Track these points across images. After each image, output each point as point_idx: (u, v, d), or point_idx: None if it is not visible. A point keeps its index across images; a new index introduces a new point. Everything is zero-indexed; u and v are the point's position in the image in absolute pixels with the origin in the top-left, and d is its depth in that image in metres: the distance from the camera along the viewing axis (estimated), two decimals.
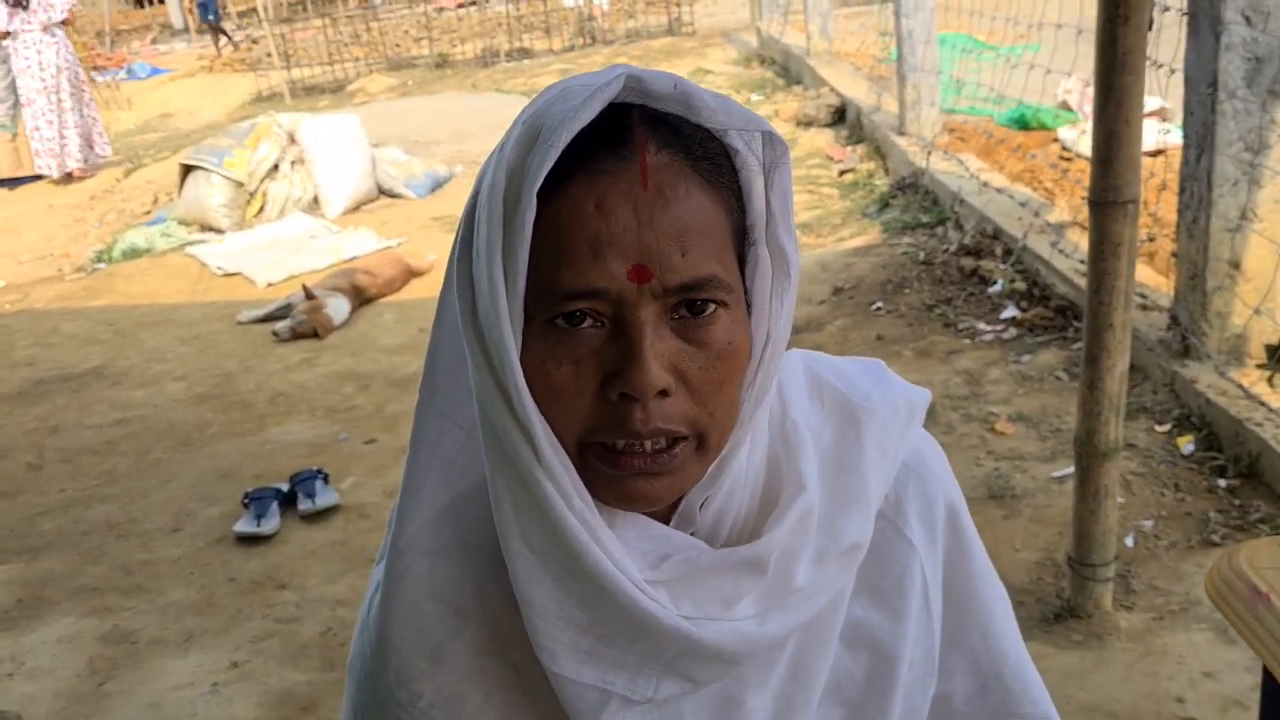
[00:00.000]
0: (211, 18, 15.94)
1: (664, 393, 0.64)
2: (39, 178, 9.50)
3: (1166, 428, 3.18)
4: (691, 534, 0.72)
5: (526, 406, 0.64)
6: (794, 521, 0.72)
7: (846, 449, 0.77)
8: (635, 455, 0.65)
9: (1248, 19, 2.93)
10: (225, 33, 15.85)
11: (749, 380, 0.69)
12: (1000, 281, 4.37)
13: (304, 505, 3.50)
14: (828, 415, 0.79)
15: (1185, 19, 3.14)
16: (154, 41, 20.07)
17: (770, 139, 0.68)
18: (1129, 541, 2.74)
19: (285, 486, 3.61)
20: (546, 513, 0.65)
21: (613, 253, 0.63)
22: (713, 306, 0.65)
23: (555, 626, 0.69)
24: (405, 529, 0.73)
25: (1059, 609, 2.52)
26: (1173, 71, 3.30)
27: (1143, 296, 3.65)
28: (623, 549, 0.68)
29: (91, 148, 9.61)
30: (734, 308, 0.67)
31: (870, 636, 0.80)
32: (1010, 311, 4.15)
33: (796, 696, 0.77)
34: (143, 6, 24.21)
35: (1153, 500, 2.90)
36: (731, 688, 0.74)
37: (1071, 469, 2.71)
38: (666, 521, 0.72)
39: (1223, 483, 2.90)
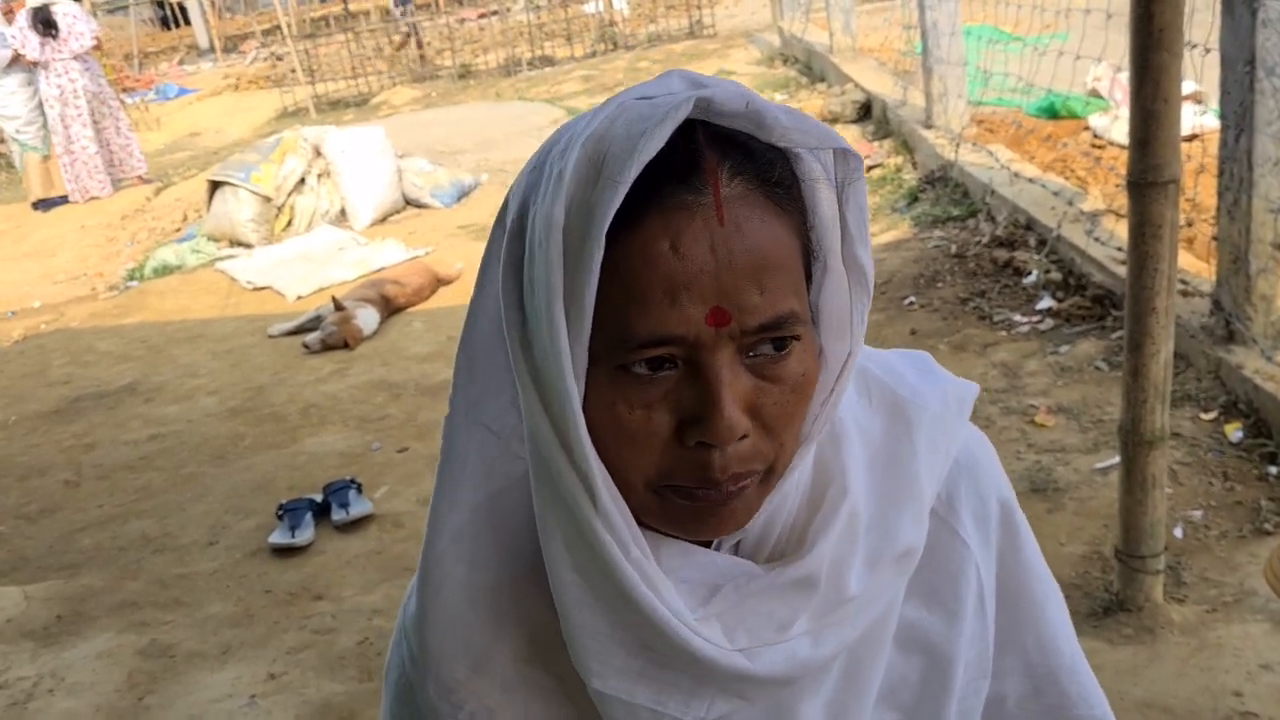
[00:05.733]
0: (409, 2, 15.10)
1: (742, 436, 0.62)
2: (67, 199, 9.61)
3: (1212, 415, 3.10)
4: (738, 543, 0.71)
5: (589, 458, 0.62)
6: (841, 529, 0.70)
7: (897, 446, 0.74)
8: (713, 491, 0.63)
9: None
10: (417, 32, 14.97)
11: (823, 396, 0.68)
12: (1035, 272, 4.30)
13: (338, 515, 3.50)
14: (875, 411, 0.75)
15: None
16: (181, 62, 20.27)
17: (844, 155, 0.64)
18: (1178, 532, 2.67)
19: (319, 497, 3.61)
20: (601, 560, 0.64)
21: (690, 297, 0.59)
22: (791, 342, 0.63)
23: (606, 648, 0.67)
24: (440, 535, 0.71)
25: (1108, 603, 2.46)
26: (1207, 51, 3.23)
27: (1184, 282, 3.57)
28: (673, 589, 0.66)
29: (135, 159, 9.88)
30: (806, 338, 0.64)
31: (924, 639, 0.77)
32: (1046, 302, 4.08)
33: (851, 702, 0.74)
34: (169, 28, 24.45)
35: (1201, 490, 2.83)
36: (785, 698, 0.72)
37: (1115, 460, 2.65)
38: None
39: (1273, 470, 2.83)
